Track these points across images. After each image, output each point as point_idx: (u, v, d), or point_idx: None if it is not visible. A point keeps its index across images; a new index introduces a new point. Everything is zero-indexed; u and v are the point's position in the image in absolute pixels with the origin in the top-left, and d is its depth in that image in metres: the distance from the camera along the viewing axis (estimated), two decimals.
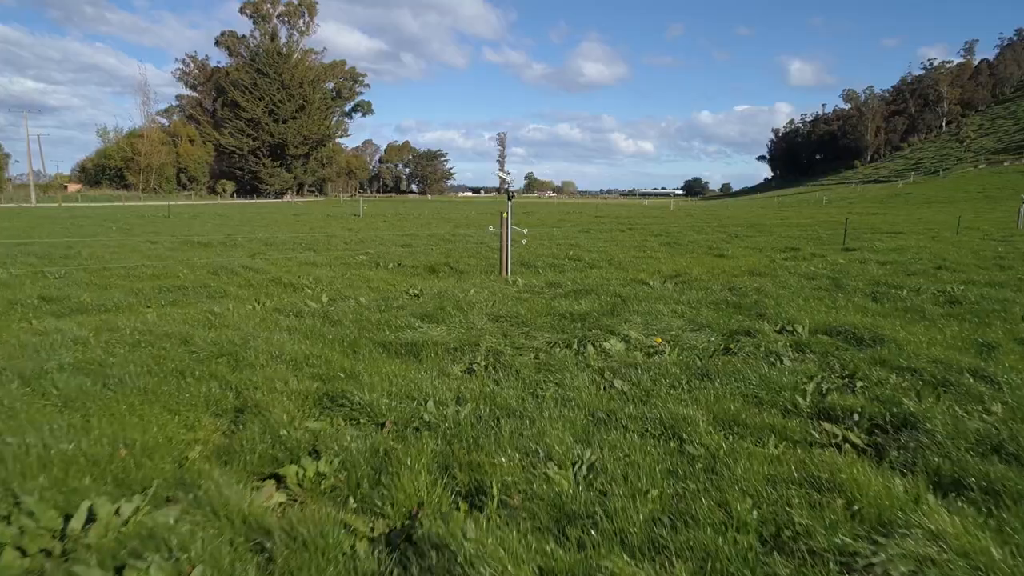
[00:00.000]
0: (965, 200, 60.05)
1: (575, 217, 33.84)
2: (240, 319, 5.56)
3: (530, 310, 5.90)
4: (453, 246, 14.45)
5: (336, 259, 11.65)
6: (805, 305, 6.23)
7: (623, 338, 4.79)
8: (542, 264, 10.75)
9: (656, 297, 6.72)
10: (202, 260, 10.80)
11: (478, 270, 9.98)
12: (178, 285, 7.49)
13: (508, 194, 8.85)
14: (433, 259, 11.45)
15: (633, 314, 5.70)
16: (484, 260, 11.11)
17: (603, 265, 10.90)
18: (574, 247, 14.81)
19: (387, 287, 7.75)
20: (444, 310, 5.77)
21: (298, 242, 15.30)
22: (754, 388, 3.69)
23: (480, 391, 3.43)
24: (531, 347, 4.61)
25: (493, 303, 6.18)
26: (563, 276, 8.89)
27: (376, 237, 17.53)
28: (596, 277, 8.87)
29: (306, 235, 17.77)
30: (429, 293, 6.98)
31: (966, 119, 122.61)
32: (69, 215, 31.60)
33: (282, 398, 3.38)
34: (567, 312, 5.78)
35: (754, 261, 11.95)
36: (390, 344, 4.64)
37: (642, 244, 15.89)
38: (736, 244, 15.89)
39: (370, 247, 14.31)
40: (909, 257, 11.98)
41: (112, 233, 17.98)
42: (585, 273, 9.53)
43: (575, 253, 12.48)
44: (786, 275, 9.02)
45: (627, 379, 3.75)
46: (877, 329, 5.06)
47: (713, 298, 6.74)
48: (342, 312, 5.81)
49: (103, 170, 78.03)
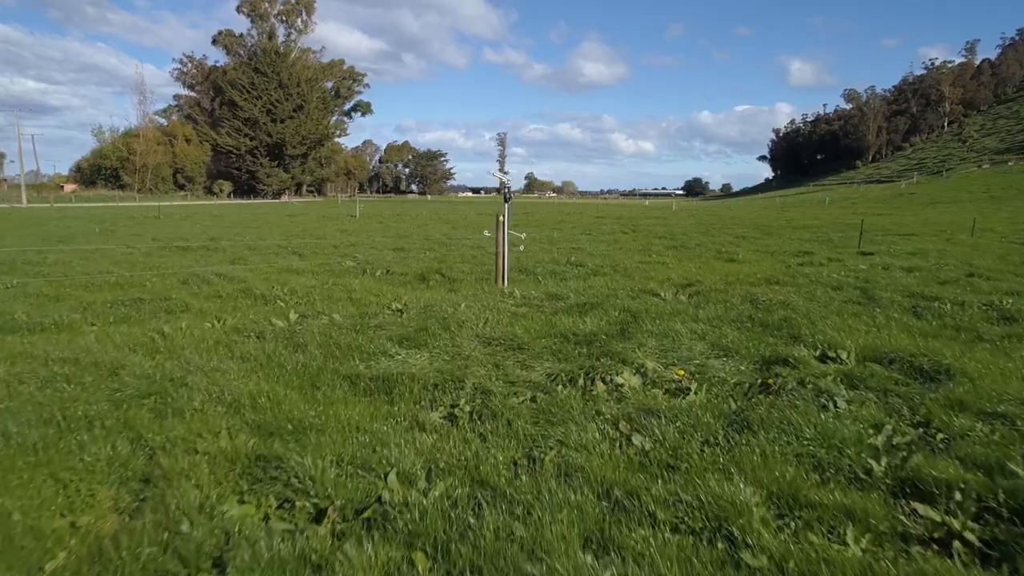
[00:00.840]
0: (970, 200, 59.30)
1: (576, 218, 33.04)
2: (190, 342, 4.77)
3: (528, 330, 5.12)
4: (447, 250, 13.66)
5: (321, 265, 10.86)
6: (842, 323, 5.44)
7: (638, 369, 4.01)
8: (542, 271, 9.97)
9: (670, 313, 5.94)
10: (176, 267, 10.01)
11: (472, 278, 9.20)
12: (136, 297, 6.71)
13: (505, 195, 8.08)
14: (425, 265, 10.67)
15: (647, 336, 4.91)
16: (479, 267, 10.33)
17: (608, 272, 10.11)
18: (576, 251, 14.03)
19: (369, 299, 6.97)
20: (428, 331, 4.98)
21: (285, 246, 14.52)
22: (809, 443, 2.91)
23: (459, 456, 2.65)
24: (528, 382, 3.83)
25: (485, 321, 5.40)
26: (565, 286, 8.11)
27: (368, 240, 16.75)
28: (601, 287, 8.08)
29: (295, 238, 16.98)
30: (414, 308, 6.20)
31: (968, 119, 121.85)
32: (58, 216, 30.80)
33: (203, 464, 2.60)
34: (571, 333, 4.99)
35: (768, 267, 11.17)
36: (359, 378, 3.86)
37: (647, 247, 15.11)
38: (745, 247, 15.10)
39: (360, 251, 13.53)
40: (933, 263, 11.19)
41: (93, 236, 17.19)
42: (589, 281, 8.75)
43: (577, 258, 11.69)
44: (808, 284, 8.23)
45: (649, 433, 2.97)
46: (935, 356, 4.28)
47: (735, 314, 5.96)
48: (311, 333, 5.03)
49: (98, 170, 77.10)
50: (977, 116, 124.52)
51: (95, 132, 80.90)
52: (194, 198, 77.99)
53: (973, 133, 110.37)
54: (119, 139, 77.87)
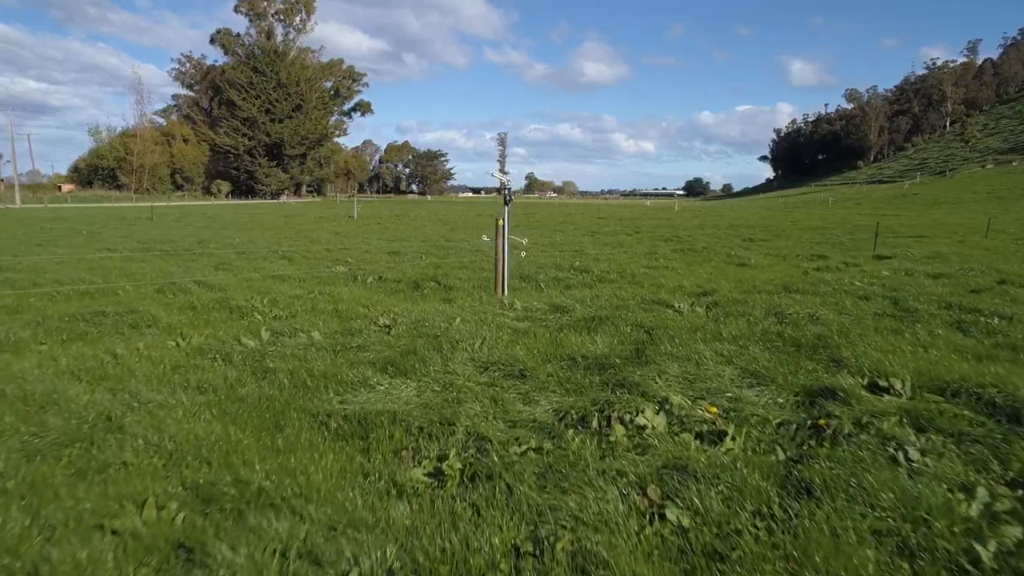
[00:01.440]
0: (974, 201, 58.70)
1: (577, 219, 32.43)
2: (144, 367, 4.16)
3: (531, 351, 4.50)
4: (445, 254, 13.06)
5: (310, 271, 10.25)
6: (884, 343, 4.83)
7: (661, 405, 3.40)
8: (544, 278, 9.35)
9: (689, 328, 5.32)
10: (155, 273, 9.41)
11: (470, 285, 8.59)
12: (99, 310, 6.09)
13: (505, 197, 7.46)
14: (420, 271, 10.06)
15: (666, 359, 4.29)
16: (478, 273, 9.72)
17: (615, 278, 9.50)
18: (579, 254, 13.42)
19: (356, 312, 6.35)
20: (417, 354, 4.37)
21: (275, 249, 13.91)
22: (888, 515, 2.30)
23: (444, 542, 2.03)
24: (532, 422, 3.22)
25: (483, 340, 4.79)
26: (570, 295, 7.50)
27: (363, 243, 16.14)
28: (609, 296, 7.47)
29: (288, 241, 16.38)
30: (404, 322, 5.59)
31: (970, 119, 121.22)
32: (49, 217, 30.21)
33: (107, 557, 1.98)
34: (579, 355, 4.38)
35: (784, 273, 10.57)
36: (331, 417, 3.25)
37: (653, 251, 14.49)
38: (755, 251, 14.48)
39: (353, 255, 12.92)
40: (957, 268, 10.57)
41: (78, 238, 16.59)
42: (595, 290, 8.13)
43: (581, 263, 11.08)
44: (833, 293, 7.62)
45: (685, 501, 2.35)
46: (1005, 387, 3.66)
47: (760, 330, 5.35)
48: (283, 355, 4.42)
49: (95, 170, 76.47)
50: (979, 116, 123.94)
51: (92, 132, 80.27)
52: (192, 198, 77.36)
53: (976, 133, 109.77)
54: (116, 139, 77.21)
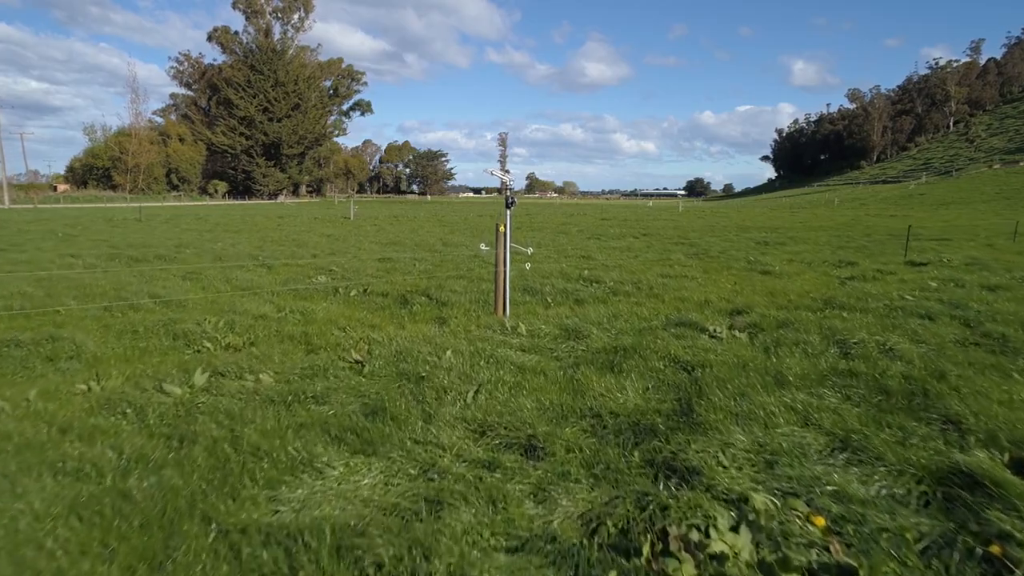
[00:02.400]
0: (983, 201, 57.68)
1: (580, 219, 31.32)
2: (22, 429, 3.07)
3: (541, 405, 3.42)
4: (440, 260, 11.97)
5: (288, 281, 9.16)
6: (994, 388, 3.73)
7: (738, 510, 2.31)
8: (551, 290, 8.26)
9: (737, 364, 4.24)
10: (111, 285, 8.32)
11: (467, 300, 7.50)
12: (14, 338, 5.00)
13: (507, 199, 6.37)
14: (411, 281, 8.97)
15: (725, 420, 3.20)
16: (475, 284, 8.63)
17: (630, 290, 8.40)
18: (587, 260, 12.33)
19: (327, 339, 5.26)
20: (390, 410, 3.28)
21: (257, 255, 12.81)
22: None
23: None
24: (549, 546, 2.12)
25: (479, 387, 3.70)
26: (583, 314, 6.40)
27: (355, 246, 15.05)
28: (629, 314, 6.38)
29: (274, 245, 15.28)
30: (383, 356, 4.50)
31: (974, 119, 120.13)
32: (32, 219, 29.12)
33: None
34: (607, 411, 3.29)
35: (815, 282, 9.48)
36: (246, 534, 2.16)
37: (665, 256, 13.40)
38: (774, 255, 13.38)
39: (341, 261, 11.83)
40: (1008, 278, 9.48)
41: (48, 241, 15.49)
42: (611, 306, 7.04)
43: (591, 272, 9.98)
44: (885, 311, 6.54)
45: None
46: None
47: (827, 366, 4.26)
48: (214, 411, 3.33)
49: (90, 170, 75.31)
50: (983, 116, 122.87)
51: (87, 131, 79.19)
52: (188, 199, 76.21)
53: (980, 133, 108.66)
54: (111, 138, 76.02)
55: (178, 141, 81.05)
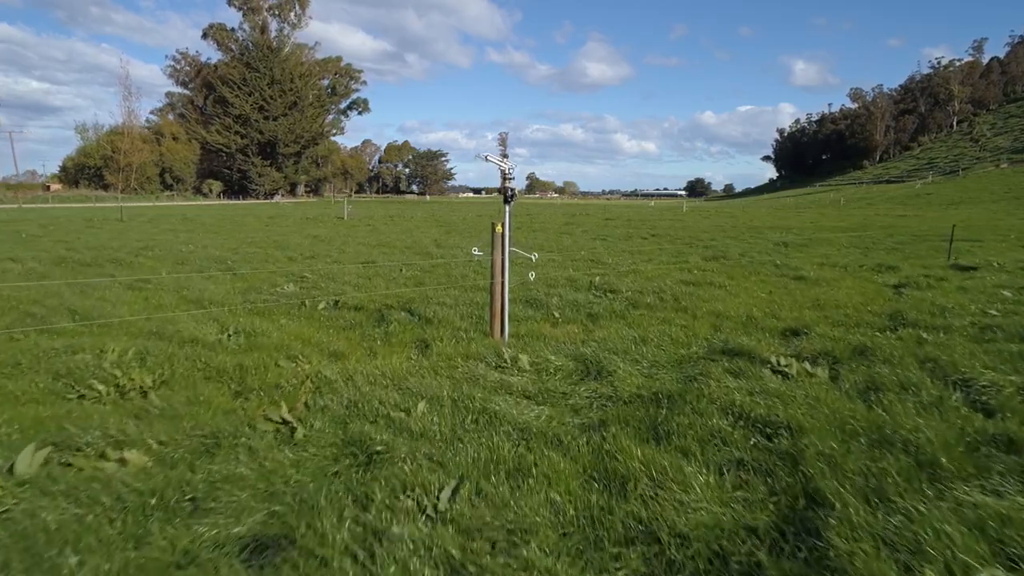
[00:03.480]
0: (992, 201, 56.48)
1: (583, 220, 29.96)
2: None
3: (557, 514, 2.10)
4: (431, 266, 10.65)
5: (250, 290, 7.83)
6: None
7: None
8: (559, 302, 6.93)
9: (838, 425, 2.92)
10: (30, 299, 7.00)
11: (456, 316, 6.17)
12: None
13: (506, 193, 5.06)
14: (394, 291, 7.64)
15: (876, 556, 1.89)
16: (468, 295, 7.31)
17: (652, 302, 7.07)
18: (596, 264, 11.02)
19: (263, 378, 3.93)
20: (302, 543, 1.95)
21: (228, 258, 11.49)
22: None
23: None
24: None
25: (460, 479, 2.37)
26: (602, 338, 5.07)
27: (340, 249, 13.73)
28: (659, 337, 5.05)
29: (251, 246, 13.95)
30: (329, 412, 3.18)
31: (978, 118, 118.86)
32: (6, 219, 27.80)
33: None
34: (667, 532, 1.98)
35: (861, 290, 8.15)
36: None
37: (681, 259, 12.08)
38: (799, 258, 12.04)
39: (320, 265, 10.52)
40: None
41: (5, 244, 14.17)
42: (634, 324, 5.72)
43: (603, 279, 8.65)
44: (973, 329, 5.22)
45: None
46: None
47: (973, 430, 2.94)
48: (14, 534, 2.00)
49: (82, 169, 73.85)
50: (987, 115, 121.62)
51: (79, 130, 77.69)
52: (182, 199, 74.79)
53: (985, 132, 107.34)
54: (104, 137, 74.53)
55: (172, 140, 79.63)
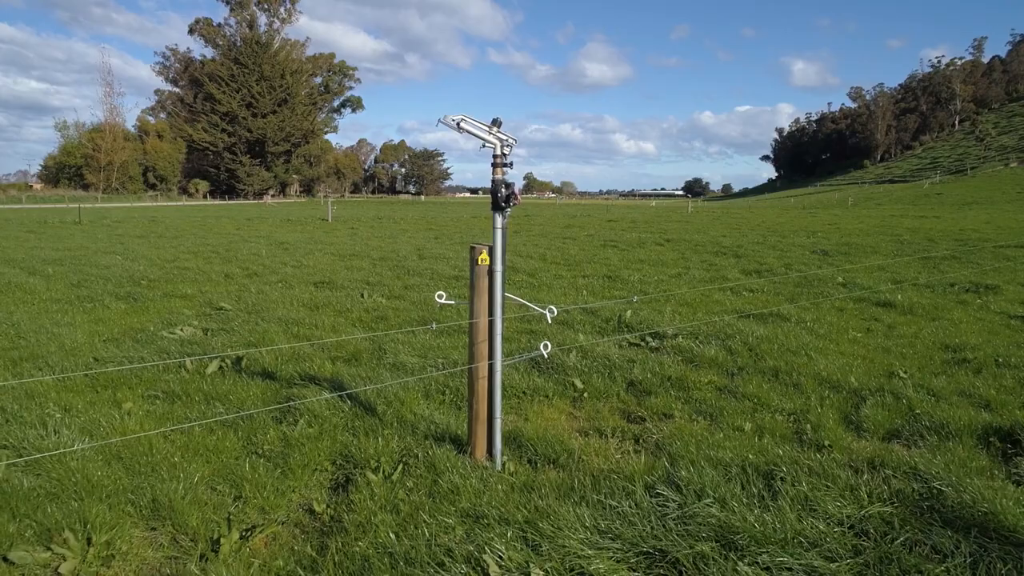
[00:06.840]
0: (1007, 201, 54.57)
1: (584, 221, 27.53)
2: None
3: None
4: (405, 286, 8.26)
5: (128, 332, 5.42)
6: None
7: None
8: (579, 364, 4.54)
9: None
10: None
11: (418, 395, 3.79)
12: None
13: (497, 195, 2.70)
14: (337, 337, 5.25)
15: None
16: (447, 342, 4.93)
17: (719, 356, 4.70)
18: (614, 282, 8.67)
19: None
20: None
21: (144, 275, 9.07)
22: None
23: None
24: None
25: None
26: (668, 437, 2.69)
27: (298, 261, 11.34)
28: (763, 447, 2.71)
29: (193, 256, 11.54)
30: None
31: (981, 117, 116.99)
32: None
33: None
34: None
35: (983, 327, 5.81)
36: None
37: (718, 274, 9.73)
38: (856, 272, 9.66)
39: (256, 286, 8.14)
40: None
41: None
42: (709, 413, 3.39)
43: (636, 313, 6.26)
44: None
45: None
46: None
47: None
48: None
49: (63, 168, 70.98)
50: (990, 114, 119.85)
51: (59, 127, 74.87)
52: (165, 199, 72.04)
53: (990, 131, 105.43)
54: (85, 135, 71.70)
55: (156, 138, 76.80)
